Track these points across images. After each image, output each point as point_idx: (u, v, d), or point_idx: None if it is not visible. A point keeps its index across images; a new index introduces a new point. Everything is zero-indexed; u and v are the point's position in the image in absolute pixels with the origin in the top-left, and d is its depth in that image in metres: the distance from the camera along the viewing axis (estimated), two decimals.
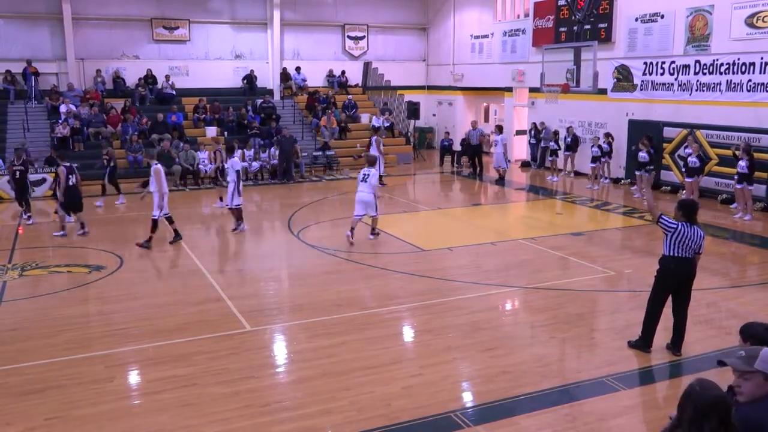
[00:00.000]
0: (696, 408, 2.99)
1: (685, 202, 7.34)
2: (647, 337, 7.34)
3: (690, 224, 7.03)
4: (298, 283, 10.57)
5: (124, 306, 9.15)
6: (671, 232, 7.00)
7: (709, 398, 2.99)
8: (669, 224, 7.01)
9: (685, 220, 7.05)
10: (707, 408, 2.97)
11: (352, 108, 25.48)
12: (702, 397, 3.01)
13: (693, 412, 3.00)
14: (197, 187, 19.46)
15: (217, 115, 23.03)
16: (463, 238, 13.16)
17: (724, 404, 3.00)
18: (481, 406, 6.29)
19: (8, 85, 21.79)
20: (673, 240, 7.01)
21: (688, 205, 7.22)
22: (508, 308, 9.42)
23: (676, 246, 7.02)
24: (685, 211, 7.11)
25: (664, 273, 7.16)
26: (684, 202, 7.33)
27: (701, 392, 3.03)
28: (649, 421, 5.99)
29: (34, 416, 6.07)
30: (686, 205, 7.22)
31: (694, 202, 7.40)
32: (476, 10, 25.85)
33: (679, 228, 6.99)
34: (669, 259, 7.09)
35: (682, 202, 7.38)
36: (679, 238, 6.99)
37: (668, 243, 7.05)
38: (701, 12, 17.02)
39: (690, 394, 3.06)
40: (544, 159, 21.94)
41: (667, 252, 7.08)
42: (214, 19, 25.12)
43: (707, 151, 16.35)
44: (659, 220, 7.06)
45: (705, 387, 3.06)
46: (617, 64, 19.60)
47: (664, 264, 7.14)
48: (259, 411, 6.15)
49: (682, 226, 7.00)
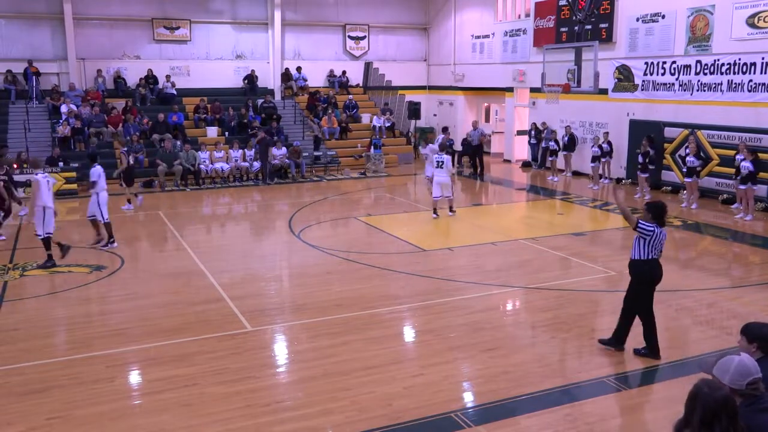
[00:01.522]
0: (706, 408, 2.99)
1: (655, 204, 7.24)
2: (654, 347, 7.27)
3: (659, 226, 7.01)
4: (299, 283, 10.58)
5: (125, 306, 9.16)
6: (650, 236, 6.96)
7: (718, 398, 2.99)
8: (648, 228, 6.96)
9: (655, 222, 7.01)
10: (717, 408, 2.97)
11: (353, 108, 25.48)
12: (711, 397, 3.00)
13: (703, 412, 2.99)
14: (198, 187, 19.47)
15: (217, 115, 23.04)
16: (463, 238, 13.17)
17: (732, 404, 3.01)
18: (482, 407, 6.29)
19: (9, 85, 21.80)
20: (648, 243, 6.98)
21: (658, 207, 7.14)
22: (509, 308, 9.42)
23: (650, 249, 7.00)
24: (655, 213, 7.05)
25: (646, 278, 7.11)
26: (653, 204, 7.24)
27: (710, 393, 3.02)
28: (649, 421, 5.99)
29: (36, 416, 6.08)
30: (656, 207, 7.14)
31: (664, 204, 7.30)
32: (477, 10, 25.85)
33: (655, 231, 6.96)
34: (646, 262, 7.05)
35: (651, 204, 7.27)
36: (654, 241, 6.98)
37: (644, 247, 7.00)
38: (702, 12, 17.01)
39: (698, 395, 3.05)
40: (544, 159, 21.93)
41: (644, 256, 7.03)
42: (215, 19, 25.13)
43: (708, 151, 16.35)
44: (638, 225, 6.98)
45: (713, 387, 3.06)
46: (618, 64, 19.59)
47: (643, 268, 7.08)
48: (259, 411, 6.16)
49: (656, 229, 6.97)
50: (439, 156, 14.80)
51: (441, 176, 14.55)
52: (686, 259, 12.06)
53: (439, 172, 14.55)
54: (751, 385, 3.25)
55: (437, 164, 14.61)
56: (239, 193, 18.74)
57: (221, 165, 20.07)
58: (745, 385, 3.24)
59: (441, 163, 14.55)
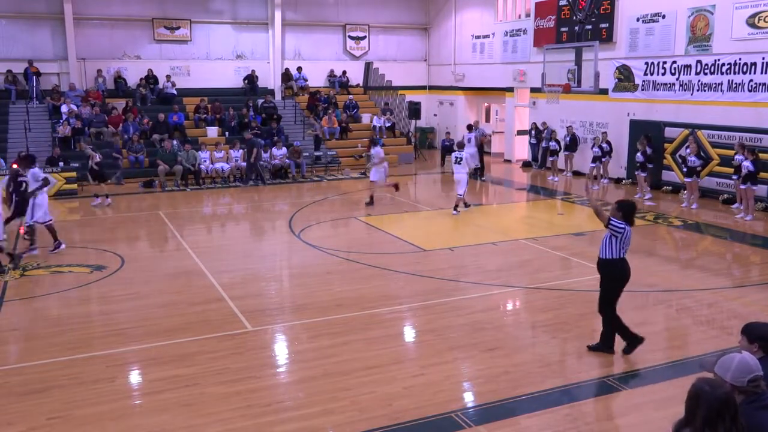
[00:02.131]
0: (709, 408, 2.99)
1: (625, 203, 7.20)
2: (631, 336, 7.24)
3: (628, 225, 7.00)
4: (299, 283, 10.58)
5: (126, 306, 9.16)
6: (621, 234, 6.95)
7: (720, 397, 3.00)
8: (619, 226, 6.94)
9: (625, 220, 6.98)
10: (720, 407, 2.97)
11: (353, 108, 25.48)
12: (713, 396, 3.00)
13: (707, 411, 2.99)
14: (198, 187, 19.47)
15: (218, 115, 23.04)
16: (464, 238, 13.16)
17: (734, 402, 3.01)
18: (482, 407, 6.29)
19: (10, 85, 21.80)
20: (620, 241, 6.98)
21: (628, 206, 7.11)
22: (509, 308, 9.42)
23: (622, 247, 7.01)
24: (626, 212, 7.02)
25: (617, 276, 7.10)
26: (624, 203, 7.19)
27: (712, 392, 3.02)
28: (649, 421, 5.99)
29: (36, 416, 6.08)
30: (627, 206, 7.10)
31: (634, 203, 7.30)
32: (477, 10, 25.86)
33: (626, 229, 6.96)
34: (618, 261, 7.04)
35: (622, 203, 7.20)
36: (625, 240, 6.98)
37: (615, 245, 6.99)
38: (702, 12, 17.01)
39: (700, 394, 3.05)
40: (545, 159, 21.93)
41: (615, 254, 7.01)
42: (216, 19, 25.14)
43: (708, 151, 16.35)
44: (609, 222, 6.95)
45: (714, 386, 3.06)
46: (618, 64, 19.59)
47: (616, 266, 7.06)
48: (260, 411, 6.16)
49: (627, 227, 6.97)
50: (458, 153, 15.18)
51: (459, 173, 14.90)
52: (687, 259, 12.06)
53: (458, 169, 14.92)
54: (753, 383, 3.25)
55: (456, 160, 15.01)
56: (239, 193, 18.74)
57: (221, 165, 20.07)
58: (746, 382, 3.24)
59: (459, 160, 14.91)
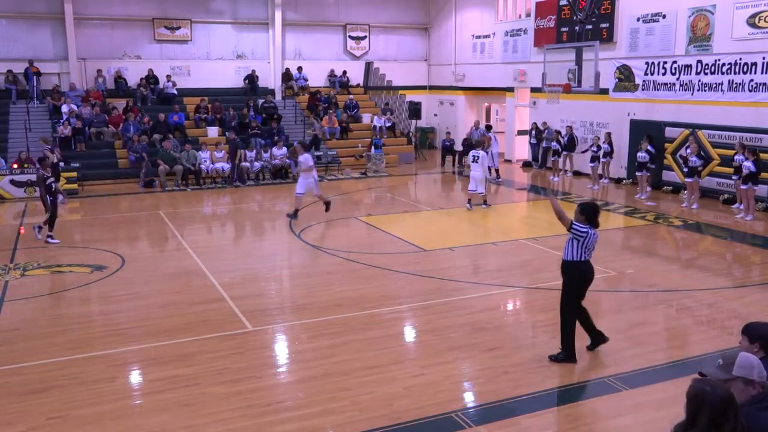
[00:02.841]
0: (714, 408, 2.96)
1: (588, 205, 7.11)
2: (572, 348, 7.10)
3: (592, 227, 6.92)
4: (299, 283, 10.57)
5: (126, 306, 9.16)
6: (583, 237, 6.85)
7: (723, 397, 2.98)
8: (581, 230, 6.83)
9: (588, 223, 6.91)
10: (724, 406, 2.95)
11: (354, 108, 25.48)
12: (716, 396, 2.98)
13: (711, 412, 2.97)
14: (199, 187, 19.47)
15: (218, 115, 23.04)
16: (464, 238, 13.16)
17: (735, 401, 3.00)
18: (482, 407, 6.29)
19: (10, 85, 21.81)
20: (582, 245, 6.87)
21: (591, 209, 7.02)
22: (509, 308, 9.42)
23: (584, 250, 6.90)
24: (588, 215, 6.94)
25: (580, 278, 6.99)
26: (587, 205, 7.10)
27: (713, 392, 3.00)
28: (650, 421, 5.98)
29: (36, 416, 6.08)
30: (589, 209, 7.02)
31: (597, 205, 7.19)
32: (478, 9, 25.85)
33: (589, 233, 6.86)
34: (582, 263, 6.95)
35: (585, 205, 7.13)
36: (588, 243, 6.88)
37: (578, 248, 6.89)
38: (703, 12, 17.00)
39: (702, 395, 3.02)
40: (546, 159, 21.93)
41: (578, 257, 6.91)
42: (216, 19, 25.13)
43: (708, 151, 16.35)
44: (572, 226, 6.84)
45: (715, 387, 3.04)
46: (619, 64, 19.59)
47: (579, 269, 6.96)
48: (260, 411, 6.16)
49: (590, 230, 6.87)
50: (475, 151, 15.76)
51: (476, 171, 15.44)
52: (687, 259, 12.06)
53: (475, 167, 15.48)
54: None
55: (473, 159, 15.58)
56: (240, 193, 18.74)
57: (222, 165, 20.07)
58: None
59: (477, 158, 15.49)
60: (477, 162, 15.46)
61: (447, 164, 23.80)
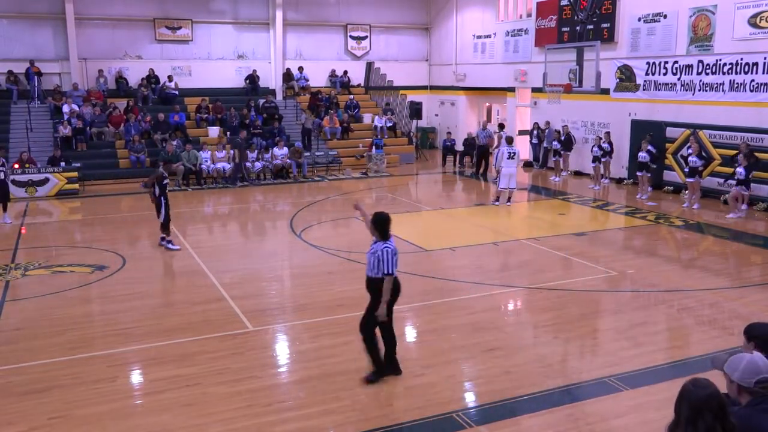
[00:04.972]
0: (691, 406, 3.04)
1: (378, 218, 6.56)
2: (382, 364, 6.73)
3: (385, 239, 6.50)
4: (300, 283, 10.57)
5: (127, 306, 9.16)
6: (395, 253, 6.47)
7: (701, 396, 3.03)
8: (390, 247, 6.43)
9: (382, 237, 6.48)
10: (701, 405, 3.01)
11: (355, 108, 25.48)
12: (695, 395, 3.05)
13: (689, 410, 3.04)
14: (200, 187, 19.48)
15: (219, 115, 23.05)
16: (465, 238, 13.15)
17: (718, 401, 3.03)
18: (483, 407, 6.29)
19: (11, 85, 21.82)
20: (395, 258, 6.46)
21: (381, 221, 6.53)
22: (510, 308, 9.41)
23: (396, 263, 6.48)
24: (381, 228, 6.51)
25: (393, 292, 6.55)
26: (377, 219, 6.55)
27: (694, 390, 3.07)
28: (651, 421, 5.98)
29: (37, 416, 6.08)
30: (379, 221, 6.53)
31: (386, 215, 6.60)
32: (479, 9, 25.84)
33: (395, 247, 6.50)
34: (394, 278, 6.50)
35: (375, 219, 6.57)
36: (394, 256, 6.47)
37: (393, 262, 6.43)
38: (704, 12, 16.99)
39: (684, 393, 3.11)
40: (546, 159, 21.92)
41: (393, 270, 6.43)
42: (217, 19, 25.14)
43: (709, 151, 16.34)
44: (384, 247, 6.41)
45: (698, 385, 3.10)
46: (620, 64, 19.57)
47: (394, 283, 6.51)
48: (261, 411, 6.16)
49: (392, 243, 6.50)
50: (510, 148, 15.93)
51: (511, 167, 15.67)
52: (688, 259, 12.05)
53: (510, 164, 15.68)
54: (760, 384, 3.25)
55: (510, 155, 15.71)
56: (241, 193, 18.75)
57: (223, 165, 20.08)
58: (753, 383, 3.24)
59: (513, 155, 15.75)
60: (513, 159, 15.75)
61: (448, 164, 23.80)
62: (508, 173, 15.74)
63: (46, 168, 18.34)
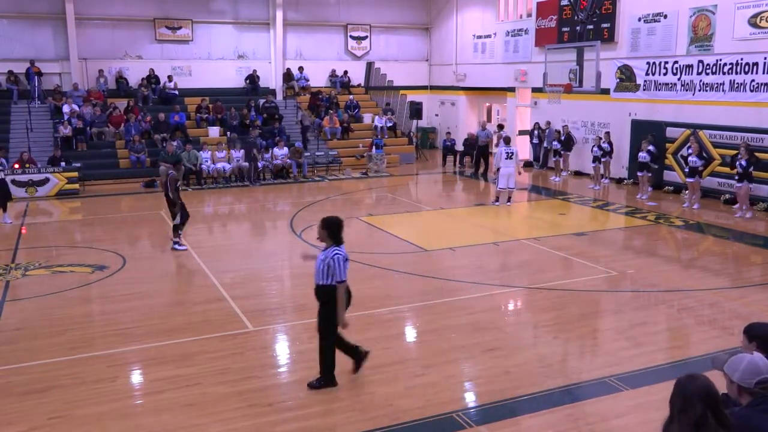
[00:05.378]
0: (684, 398, 3.08)
1: (329, 222, 6.44)
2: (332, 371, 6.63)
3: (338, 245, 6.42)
4: (300, 283, 10.54)
5: (127, 306, 9.16)
6: (346, 259, 6.44)
7: (692, 387, 3.08)
8: (341, 254, 6.40)
9: (334, 242, 6.39)
10: (692, 396, 3.05)
11: (355, 108, 25.48)
12: (686, 387, 3.10)
13: (681, 402, 3.08)
14: (200, 187, 19.48)
15: (219, 115, 23.05)
16: (465, 238, 13.15)
17: (709, 392, 3.07)
18: (483, 407, 6.29)
19: (11, 85, 21.83)
20: (346, 264, 6.41)
21: (333, 225, 6.41)
22: (510, 308, 9.41)
23: (346, 269, 6.41)
24: (331, 231, 6.40)
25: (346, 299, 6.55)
26: (328, 222, 6.44)
27: (686, 383, 3.12)
28: (651, 421, 5.98)
29: (37, 416, 6.08)
30: (331, 225, 6.40)
31: (338, 219, 6.50)
32: (479, 9, 25.84)
33: (345, 253, 6.41)
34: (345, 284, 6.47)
35: (326, 222, 6.45)
36: (348, 262, 6.46)
37: (344, 268, 6.41)
38: (704, 12, 16.98)
39: (677, 386, 3.15)
40: (547, 159, 21.92)
41: (345, 277, 6.44)
42: (217, 19, 25.14)
43: (710, 151, 16.34)
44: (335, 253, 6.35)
45: (690, 378, 3.15)
46: (620, 64, 19.57)
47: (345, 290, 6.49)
48: (261, 411, 6.16)
49: (343, 250, 6.41)
50: (508, 148, 15.94)
51: (509, 167, 15.71)
52: (688, 259, 12.05)
53: (508, 164, 15.71)
54: (760, 385, 3.25)
55: (507, 155, 15.75)
56: (241, 193, 18.75)
57: (223, 165, 20.08)
58: (754, 384, 3.25)
59: (511, 155, 15.76)
60: (511, 159, 15.75)
61: (448, 164, 23.80)
62: (506, 173, 15.74)
63: (46, 168, 18.35)
